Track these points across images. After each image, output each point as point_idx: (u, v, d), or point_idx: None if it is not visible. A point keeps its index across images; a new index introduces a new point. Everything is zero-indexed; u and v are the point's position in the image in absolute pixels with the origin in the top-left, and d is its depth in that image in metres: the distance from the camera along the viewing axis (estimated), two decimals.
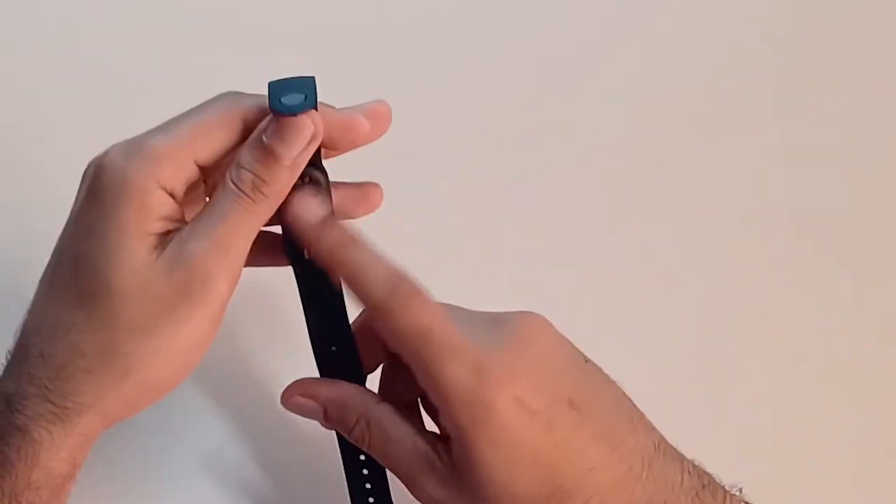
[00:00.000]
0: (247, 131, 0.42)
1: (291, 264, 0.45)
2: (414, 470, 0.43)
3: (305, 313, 0.46)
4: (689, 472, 0.43)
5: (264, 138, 0.41)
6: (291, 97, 0.41)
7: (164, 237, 0.41)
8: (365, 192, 0.47)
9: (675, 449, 0.43)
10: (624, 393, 0.44)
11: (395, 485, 0.47)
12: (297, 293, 0.45)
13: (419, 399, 0.46)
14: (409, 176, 0.59)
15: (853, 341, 0.58)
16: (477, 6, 0.67)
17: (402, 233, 0.50)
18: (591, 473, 0.41)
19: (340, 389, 0.45)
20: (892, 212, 0.63)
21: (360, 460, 0.47)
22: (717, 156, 0.64)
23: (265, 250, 0.45)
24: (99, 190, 0.41)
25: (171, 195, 0.42)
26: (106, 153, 0.41)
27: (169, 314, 0.41)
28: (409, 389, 0.45)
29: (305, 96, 0.41)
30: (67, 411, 0.41)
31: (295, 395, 0.45)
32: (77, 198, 0.42)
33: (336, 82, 0.61)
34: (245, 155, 0.42)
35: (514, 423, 0.40)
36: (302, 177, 0.43)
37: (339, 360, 0.46)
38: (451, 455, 0.42)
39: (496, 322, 0.43)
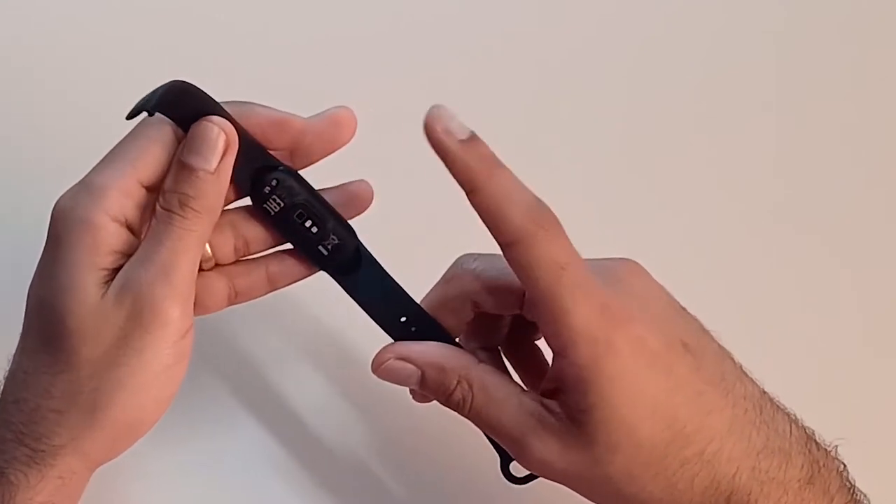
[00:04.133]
0: (181, 141, 0.42)
1: (317, 265, 0.45)
2: (523, 429, 0.41)
3: (355, 299, 0.45)
4: (794, 422, 0.42)
5: (180, 156, 0.42)
6: (143, 102, 0.41)
7: (118, 271, 0.42)
8: (354, 192, 0.46)
9: (777, 400, 0.43)
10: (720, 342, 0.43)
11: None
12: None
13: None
14: (406, 174, 0.59)
15: (852, 338, 0.59)
16: (475, 4, 0.67)
17: (400, 232, 0.50)
18: (710, 417, 0.40)
19: (437, 350, 0.44)
20: (891, 207, 0.64)
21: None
22: (716, 151, 0.64)
23: (287, 268, 0.46)
24: (53, 234, 0.42)
25: (128, 225, 0.42)
26: (58, 199, 0.42)
27: (126, 346, 0.41)
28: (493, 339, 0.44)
29: (148, 99, 0.41)
30: (42, 454, 0.41)
31: (389, 360, 0.44)
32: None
33: (326, 86, 0.62)
34: (168, 179, 0.42)
35: (635, 363, 0.40)
36: (266, 182, 0.43)
37: (417, 327, 0.45)
38: (566, 406, 0.40)
39: (604, 269, 0.42)
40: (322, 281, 0.46)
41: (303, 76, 0.63)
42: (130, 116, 0.41)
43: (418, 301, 0.46)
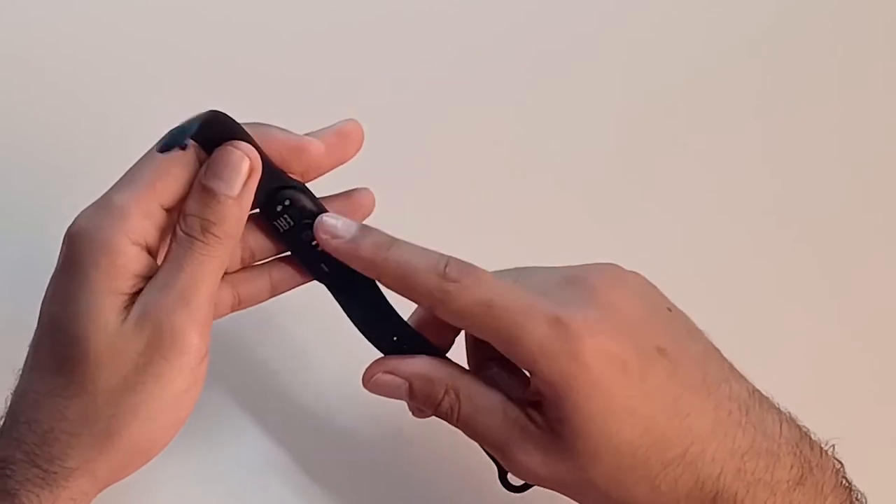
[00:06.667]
0: (202, 162, 0.42)
1: (317, 280, 0.46)
2: (508, 438, 0.42)
3: (351, 318, 0.46)
4: (786, 421, 0.42)
5: (202, 179, 0.42)
6: (177, 136, 0.41)
7: (137, 296, 0.42)
8: (356, 200, 0.47)
9: (769, 398, 0.43)
10: (711, 342, 0.43)
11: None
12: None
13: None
14: (404, 176, 0.59)
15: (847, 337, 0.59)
16: (469, 4, 0.67)
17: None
18: (689, 420, 0.40)
19: (424, 362, 0.44)
20: (881, 210, 0.64)
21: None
22: (711, 151, 0.64)
23: (290, 275, 0.46)
24: (71, 255, 0.41)
25: (147, 248, 0.42)
26: (75, 219, 0.42)
27: (144, 372, 0.41)
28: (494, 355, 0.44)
29: (186, 130, 0.41)
30: (55, 476, 0.41)
31: (378, 374, 0.44)
32: (56, 265, 0.42)
33: (323, 81, 0.62)
34: (189, 202, 0.42)
35: (605, 374, 0.40)
36: (279, 201, 0.44)
37: (408, 346, 0.46)
38: (546, 417, 0.41)
39: (567, 280, 0.43)
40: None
41: (301, 74, 0.63)
42: (163, 150, 0.41)
43: (407, 318, 0.47)
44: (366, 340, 0.46)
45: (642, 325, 0.42)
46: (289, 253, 0.46)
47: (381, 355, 0.46)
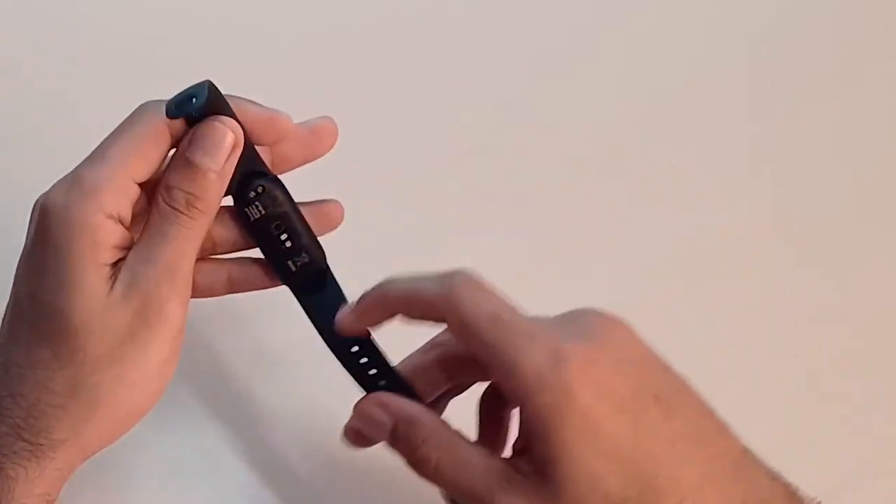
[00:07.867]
0: (175, 139, 0.42)
1: (283, 281, 0.45)
2: (492, 489, 0.40)
3: (315, 324, 0.45)
4: (776, 478, 0.41)
5: (186, 153, 0.42)
6: (185, 103, 0.41)
7: (117, 266, 0.42)
8: (324, 211, 0.46)
9: (759, 457, 0.42)
10: (704, 399, 0.42)
11: None
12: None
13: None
14: (404, 176, 0.59)
15: (839, 344, 0.59)
16: (461, 6, 0.68)
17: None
18: (682, 469, 0.39)
19: (414, 405, 0.43)
20: (881, 210, 0.64)
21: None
22: (707, 154, 0.64)
23: (249, 277, 0.46)
24: (46, 231, 0.41)
25: (120, 220, 0.42)
26: (47, 194, 0.42)
27: (130, 342, 0.41)
28: None
29: (195, 97, 0.41)
30: (42, 448, 0.41)
31: (370, 405, 0.43)
32: (26, 241, 0.43)
33: (323, 81, 0.62)
34: (172, 174, 0.42)
35: (597, 412, 0.38)
36: (252, 187, 0.43)
37: (369, 359, 0.45)
38: (533, 461, 0.39)
39: (567, 319, 0.42)
40: None
41: (301, 74, 0.63)
42: (173, 117, 0.41)
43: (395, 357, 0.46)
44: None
45: (642, 369, 0.41)
46: (250, 254, 0.45)
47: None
